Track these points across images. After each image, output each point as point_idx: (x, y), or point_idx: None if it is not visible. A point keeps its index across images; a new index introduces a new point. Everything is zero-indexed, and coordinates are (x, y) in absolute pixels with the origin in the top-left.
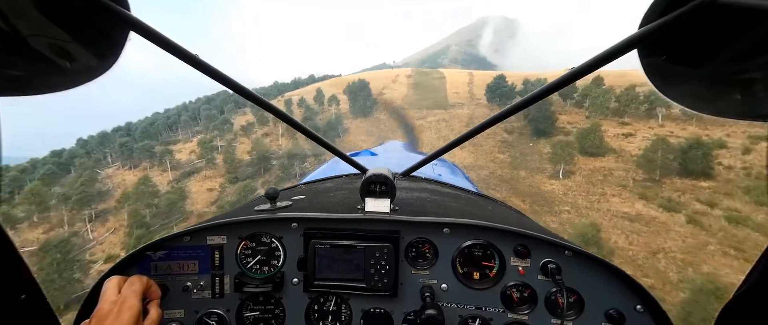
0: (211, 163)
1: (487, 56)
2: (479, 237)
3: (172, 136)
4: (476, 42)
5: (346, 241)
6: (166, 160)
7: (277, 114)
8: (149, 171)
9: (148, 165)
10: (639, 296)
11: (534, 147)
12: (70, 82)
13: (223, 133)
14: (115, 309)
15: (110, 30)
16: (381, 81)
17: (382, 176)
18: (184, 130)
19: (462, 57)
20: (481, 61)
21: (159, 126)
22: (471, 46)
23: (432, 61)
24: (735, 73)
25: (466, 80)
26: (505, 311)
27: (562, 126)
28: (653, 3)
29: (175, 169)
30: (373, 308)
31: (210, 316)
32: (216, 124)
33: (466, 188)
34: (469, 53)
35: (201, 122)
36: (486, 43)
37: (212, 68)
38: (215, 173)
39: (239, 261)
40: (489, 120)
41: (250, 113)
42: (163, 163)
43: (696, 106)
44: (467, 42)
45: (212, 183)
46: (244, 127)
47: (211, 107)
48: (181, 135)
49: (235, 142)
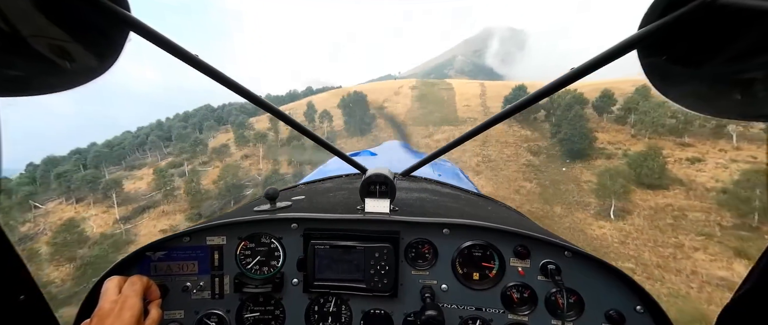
0: (172, 195)
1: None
2: (479, 238)
3: (139, 159)
4: (482, 52)
5: (346, 241)
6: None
7: (277, 115)
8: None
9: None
10: (639, 296)
11: (568, 173)
12: (69, 83)
13: (196, 155)
14: (116, 308)
15: (110, 30)
16: (383, 93)
17: (381, 176)
18: (156, 152)
19: (468, 67)
20: (488, 72)
21: (126, 147)
22: (477, 57)
23: (438, 72)
24: (735, 74)
25: (477, 91)
26: (505, 312)
27: (602, 146)
28: (653, 3)
29: (129, 202)
30: (373, 309)
31: (210, 316)
32: (187, 146)
33: (466, 188)
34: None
35: (172, 143)
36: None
37: (212, 69)
38: (177, 207)
39: (239, 262)
40: (489, 120)
41: (231, 131)
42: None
43: (696, 107)
44: (473, 52)
45: (170, 221)
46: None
47: (187, 125)
48: (151, 157)
49: (207, 167)
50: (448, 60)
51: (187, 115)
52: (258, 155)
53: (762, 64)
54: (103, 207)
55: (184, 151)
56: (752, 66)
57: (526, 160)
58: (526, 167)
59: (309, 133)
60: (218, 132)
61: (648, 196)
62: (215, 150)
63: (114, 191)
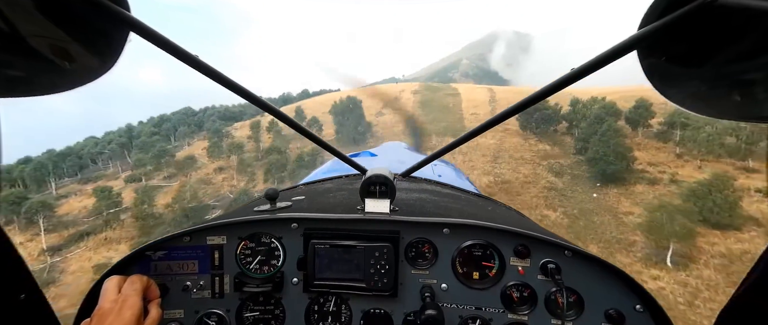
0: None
1: (499, 71)
2: (479, 237)
3: (100, 169)
4: (487, 56)
5: (346, 241)
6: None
7: (278, 116)
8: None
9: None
10: (638, 295)
11: (601, 201)
12: (70, 83)
13: (160, 168)
14: (116, 308)
15: (110, 30)
16: (380, 98)
17: (381, 176)
18: (118, 162)
19: (473, 71)
20: (492, 76)
21: (86, 156)
22: (482, 60)
23: (442, 76)
24: (735, 74)
25: (485, 98)
26: (505, 311)
27: (641, 168)
28: (653, 4)
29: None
30: (373, 309)
31: (210, 316)
32: (149, 157)
33: (466, 188)
34: (481, 68)
35: (133, 153)
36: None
37: (212, 69)
38: (122, 234)
39: (239, 261)
40: (489, 121)
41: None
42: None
43: (696, 108)
44: (478, 56)
45: (111, 251)
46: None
47: (160, 130)
48: (113, 168)
49: (172, 182)
50: (453, 63)
51: (163, 119)
52: (234, 168)
53: (762, 65)
54: (30, 234)
55: (141, 163)
56: (752, 67)
57: (548, 181)
58: (548, 190)
59: (310, 134)
60: (195, 139)
61: (715, 238)
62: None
63: (40, 215)
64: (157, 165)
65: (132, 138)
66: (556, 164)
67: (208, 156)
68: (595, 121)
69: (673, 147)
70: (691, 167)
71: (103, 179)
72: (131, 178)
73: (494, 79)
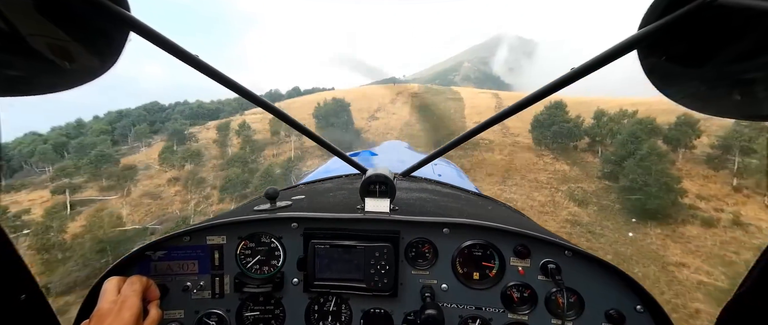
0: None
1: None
2: (479, 237)
3: (34, 173)
4: (489, 60)
5: (346, 241)
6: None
7: (277, 115)
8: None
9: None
10: (639, 296)
11: (641, 244)
12: (70, 83)
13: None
14: (115, 309)
15: (110, 30)
16: (375, 100)
17: (381, 176)
18: (46, 168)
19: (475, 75)
20: (494, 80)
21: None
22: (484, 64)
23: (442, 78)
24: (735, 74)
25: (491, 103)
26: (505, 312)
27: (690, 202)
28: (653, 4)
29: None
30: (373, 309)
31: (210, 316)
32: (85, 163)
33: (466, 188)
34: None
35: (66, 157)
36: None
37: (212, 69)
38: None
39: (239, 261)
40: (490, 120)
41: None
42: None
43: (696, 107)
44: (480, 59)
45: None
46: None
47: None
48: (49, 173)
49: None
50: (454, 66)
51: (121, 115)
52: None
53: (762, 65)
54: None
55: (66, 173)
56: (752, 66)
57: (569, 213)
58: (572, 225)
59: (311, 134)
60: (155, 141)
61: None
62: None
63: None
64: (94, 173)
65: (71, 137)
66: (579, 189)
67: (160, 164)
68: (629, 139)
69: (727, 176)
70: (756, 204)
71: (29, 188)
72: (58, 189)
73: (496, 83)
